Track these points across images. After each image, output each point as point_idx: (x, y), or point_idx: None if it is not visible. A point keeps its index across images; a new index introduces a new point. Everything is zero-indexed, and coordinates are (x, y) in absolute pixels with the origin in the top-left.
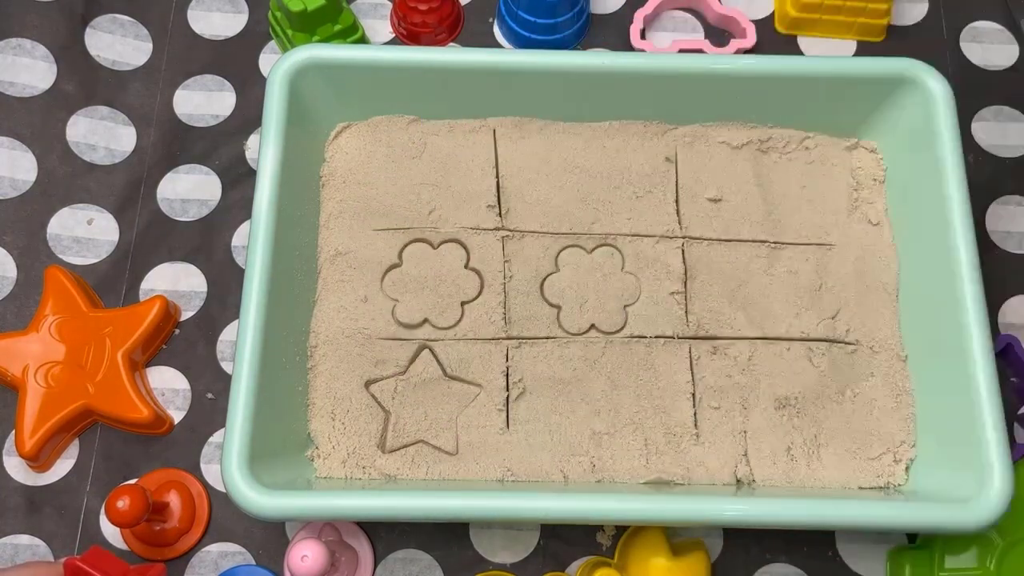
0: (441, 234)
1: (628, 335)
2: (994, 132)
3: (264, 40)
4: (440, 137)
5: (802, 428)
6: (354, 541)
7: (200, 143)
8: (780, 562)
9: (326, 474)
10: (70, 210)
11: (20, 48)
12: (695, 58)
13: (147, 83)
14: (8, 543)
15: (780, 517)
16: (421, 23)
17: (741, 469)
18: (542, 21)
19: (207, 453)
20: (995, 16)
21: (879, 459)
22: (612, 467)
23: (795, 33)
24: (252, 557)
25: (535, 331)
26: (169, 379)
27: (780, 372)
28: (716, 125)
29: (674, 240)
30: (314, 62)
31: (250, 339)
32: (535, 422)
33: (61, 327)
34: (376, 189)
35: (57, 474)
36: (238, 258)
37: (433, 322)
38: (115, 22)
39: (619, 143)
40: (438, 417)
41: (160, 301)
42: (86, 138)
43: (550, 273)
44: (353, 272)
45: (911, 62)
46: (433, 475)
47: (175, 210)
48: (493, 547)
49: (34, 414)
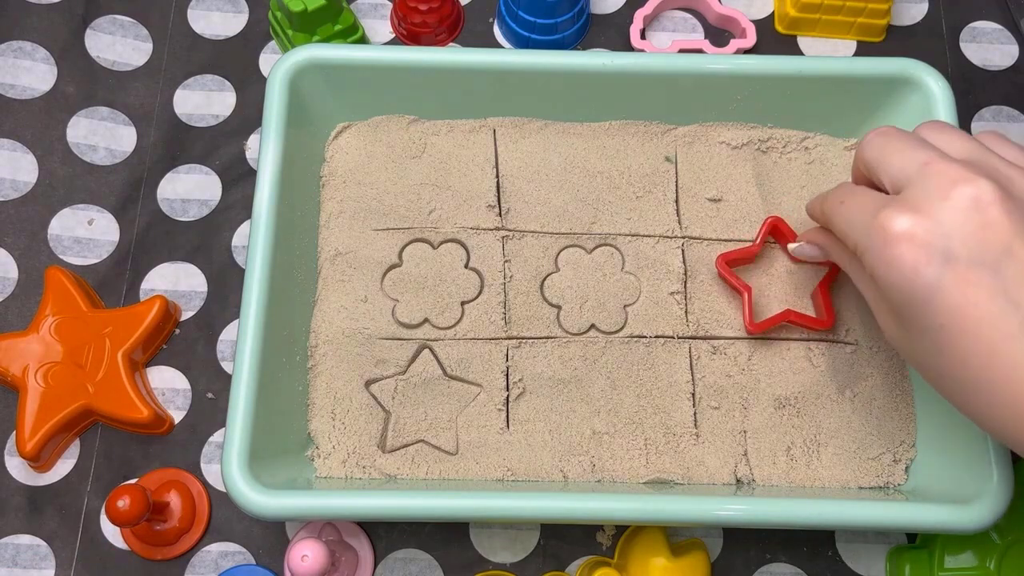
0: (441, 234)
1: (628, 335)
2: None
3: (264, 40)
4: (440, 137)
5: (802, 428)
6: (354, 541)
7: (200, 143)
8: (780, 562)
9: (326, 474)
10: (71, 211)
11: (21, 51)
12: (695, 58)
13: (147, 83)
14: (9, 543)
15: (780, 517)
16: (421, 23)
17: (741, 469)
18: (542, 21)
19: (207, 453)
20: (995, 16)
21: (879, 459)
22: (612, 467)
23: (795, 33)
24: (252, 557)
25: (535, 331)
26: (169, 379)
27: (780, 372)
28: (716, 125)
29: (674, 240)
30: (314, 62)
31: (250, 339)
32: (535, 422)
33: (61, 327)
34: (376, 189)
35: (58, 474)
36: (238, 258)
37: (433, 322)
38: (115, 23)
39: (619, 143)
40: (438, 417)
41: (160, 301)
42: (86, 139)
43: (550, 273)
44: (353, 272)
45: (911, 62)
46: (433, 475)
47: (175, 210)
48: (493, 547)
49: (34, 414)
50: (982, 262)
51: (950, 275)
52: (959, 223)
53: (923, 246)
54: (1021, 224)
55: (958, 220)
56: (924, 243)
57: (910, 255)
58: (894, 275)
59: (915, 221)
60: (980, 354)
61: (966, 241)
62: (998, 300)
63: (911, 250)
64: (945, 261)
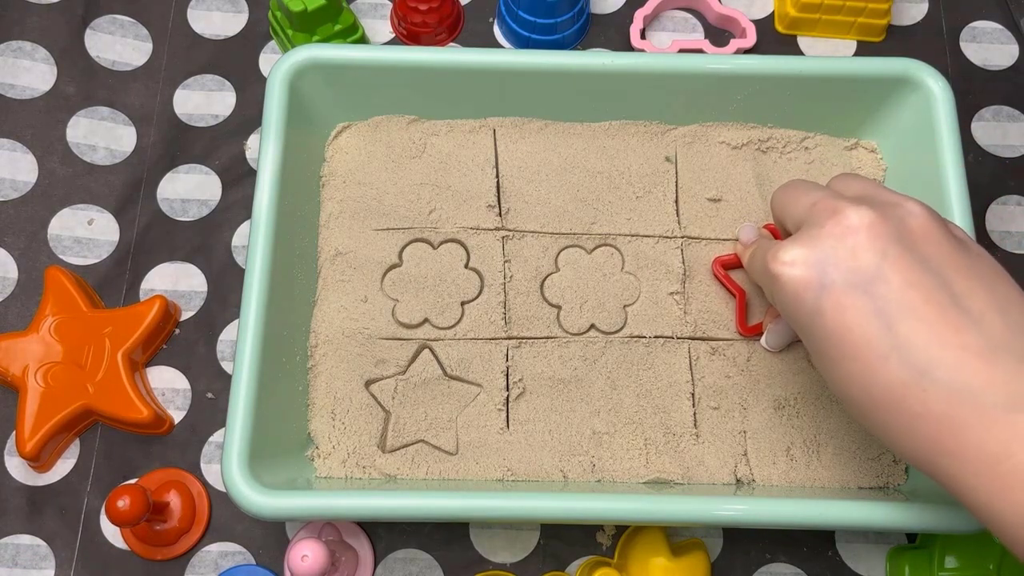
0: (441, 234)
1: (628, 335)
2: (994, 132)
3: (264, 40)
4: (440, 137)
5: (802, 428)
6: (354, 541)
7: (200, 143)
8: (780, 562)
9: (326, 474)
10: (70, 211)
11: (20, 50)
12: (695, 58)
13: (147, 83)
14: (9, 543)
15: (780, 517)
16: (421, 23)
17: (741, 469)
18: (542, 21)
19: (207, 453)
20: (995, 16)
21: (879, 459)
22: (612, 467)
23: (795, 33)
24: (252, 557)
25: (535, 331)
26: (169, 379)
27: (779, 373)
28: (716, 125)
29: (673, 240)
30: (314, 62)
31: (250, 339)
32: (535, 422)
33: (61, 327)
34: (376, 189)
35: (58, 474)
36: (238, 258)
37: (433, 322)
38: (115, 23)
39: (619, 143)
40: (438, 417)
41: (160, 301)
42: (86, 139)
43: (550, 273)
44: (353, 272)
45: (911, 62)
46: (433, 475)
47: (175, 210)
48: (493, 547)
49: (34, 414)
50: (855, 285)
51: (828, 299)
52: (832, 249)
53: (803, 274)
54: (891, 250)
55: (831, 246)
56: (804, 271)
57: (791, 283)
58: (784, 304)
59: (796, 253)
60: (859, 375)
61: (839, 266)
62: (872, 322)
63: (792, 279)
64: (822, 287)
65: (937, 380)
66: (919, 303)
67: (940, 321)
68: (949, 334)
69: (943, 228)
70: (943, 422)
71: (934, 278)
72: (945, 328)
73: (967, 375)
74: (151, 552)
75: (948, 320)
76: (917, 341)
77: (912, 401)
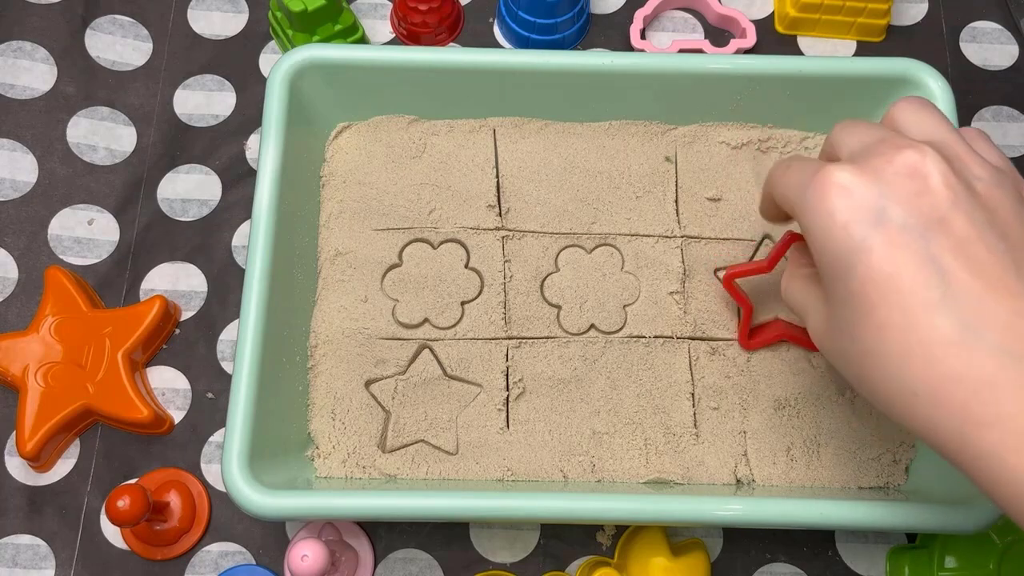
0: (441, 234)
1: (627, 335)
2: (994, 132)
3: (264, 40)
4: (440, 137)
5: (802, 428)
6: (354, 541)
7: (200, 143)
8: (780, 562)
9: (326, 474)
10: (71, 211)
11: (20, 51)
12: (695, 58)
13: (147, 83)
14: (9, 543)
15: (780, 517)
16: (421, 23)
17: (741, 469)
18: (542, 21)
19: (207, 453)
20: (995, 16)
21: (879, 459)
22: (612, 467)
23: (795, 33)
24: (252, 557)
25: (535, 331)
26: (169, 379)
27: (779, 373)
28: (716, 125)
29: (673, 240)
30: (314, 62)
31: (250, 339)
32: (535, 422)
33: (61, 327)
34: (376, 189)
35: (58, 474)
36: (238, 258)
37: (433, 322)
38: (115, 23)
39: (619, 143)
40: (438, 417)
41: (160, 301)
42: (86, 139)
43: (550, 273)
44: (353, 272)
45: (911, 62)
46: (433, 475)
47: (175, 210)
48: (493, 547)
49: (34, 414)
50: (914, 227)
51: (880, 236)
52: (897, 186)
53: (858, 203)
54: (961, 198)
55: (896, 183)
56: (859, 200)
57: (843, 210)
58: (825, 230)
59: (854, 178)
60: (897, 326)
61: (901, 204)
62: (925, 268)
63: (845, 205)
64: (877, 222)
65: (986, 339)
66: (982, 255)
67: (999, 282)
68: (1007, 297)
69: (1016, 197)
70: (983, 388)
71: (1000, 241)
72: (1004, 291)
73: (1020, 341)
74: (151, 552)
75: (1007, 284)
76: (971, 295)
77: (953, 360)
